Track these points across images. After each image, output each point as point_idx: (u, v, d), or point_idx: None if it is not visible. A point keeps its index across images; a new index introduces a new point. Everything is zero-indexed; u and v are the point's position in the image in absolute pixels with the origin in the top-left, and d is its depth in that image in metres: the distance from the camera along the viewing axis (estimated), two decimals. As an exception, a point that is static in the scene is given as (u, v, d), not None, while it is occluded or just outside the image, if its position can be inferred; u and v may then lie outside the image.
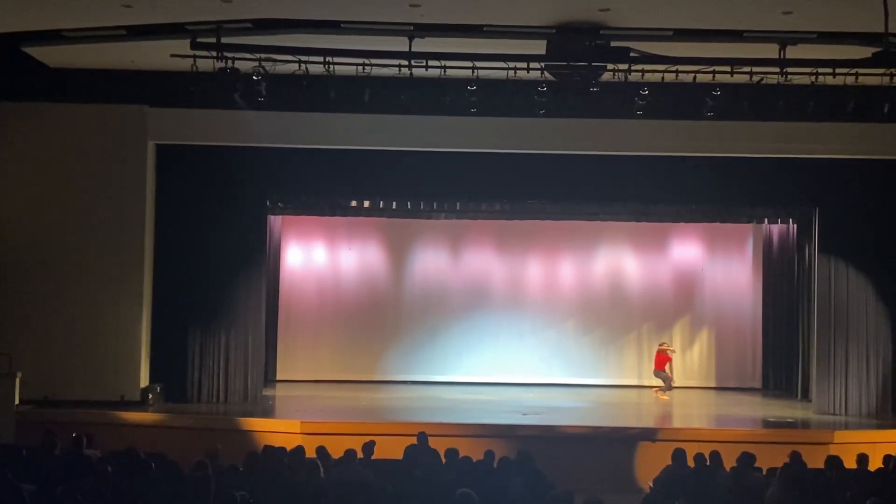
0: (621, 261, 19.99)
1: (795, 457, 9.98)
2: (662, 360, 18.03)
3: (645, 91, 13.27)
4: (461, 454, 9.95)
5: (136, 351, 15.49)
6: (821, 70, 12.43)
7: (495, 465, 9.76)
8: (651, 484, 10.26)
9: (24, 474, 8.52)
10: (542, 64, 12.56)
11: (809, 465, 10.08)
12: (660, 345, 18.32)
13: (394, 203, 17.92)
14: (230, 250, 16.02)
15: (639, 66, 12.60)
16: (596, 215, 18.42)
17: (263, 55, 12.49)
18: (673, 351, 18.41)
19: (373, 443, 10.60)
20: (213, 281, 15.98)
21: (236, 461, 9.45)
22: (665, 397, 17.81)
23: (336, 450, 10.20)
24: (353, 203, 18.06)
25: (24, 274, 15.23)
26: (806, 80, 12.55)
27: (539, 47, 12.40)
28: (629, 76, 12.72)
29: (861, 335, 16.07)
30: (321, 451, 10.19)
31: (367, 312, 19.71)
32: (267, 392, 17.41)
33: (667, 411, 17.16)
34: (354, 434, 12.42)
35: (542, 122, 14.66)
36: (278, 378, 19.18)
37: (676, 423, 16.19)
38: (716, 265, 19.98)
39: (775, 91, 12.72)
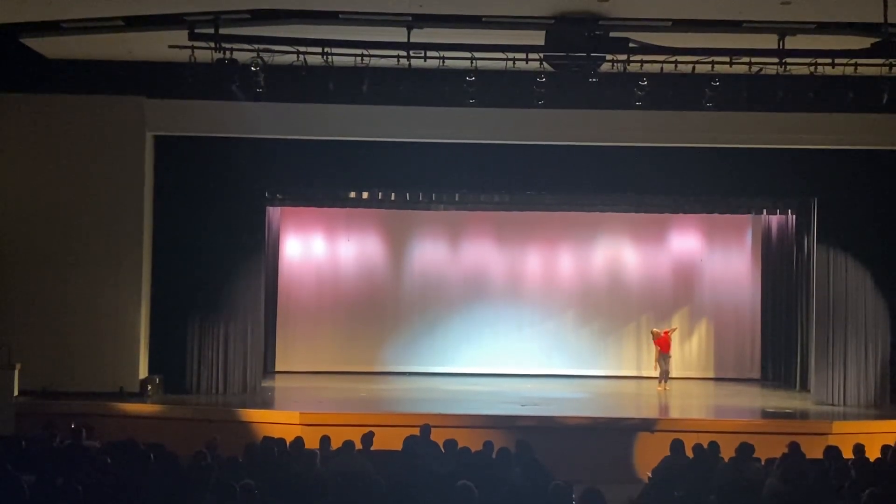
0: (620, 252, 19.98)
1: (794, 447, 9.99)
2: (667, 342, 18.15)
3: (644, 82, 13.27)
4: (460, 445, 9.95)
5: (135, 342, 15.49)
6: (820, 60, 12.42)
7: (494, 456, 9.76)
8: (650, 474, 10.29)
9: (24, 465, 8.53)
10: (541, 55, 12.55)
11: (808, 456, 10.09)
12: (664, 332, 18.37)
13: (392, 194, 17.91)
14: (229, 241, 16.01)
15: (638, 57, 12.58)
16: (595, 206, 18.41)
17: (262, 46, 12.47)
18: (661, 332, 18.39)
19: (372, 434, 10.61)
20: (212, 272, 15.97)
21: (235, 452, 9.45)
22: (661, 388, 17.85)
23: (335, 441, 10.23)
24: (352, 194, 18.05)
25: (22, 265, 15.23)
26: (805, 70, 12.53)
27: (538, 38, 12.38)
28: (628, 67, 12.69)
29: (859, 325, 16.09)
30: (324, 440, 10.20)
31: (367, 304, 19.70)
32: (266, 383, 17.44)
33: (666, 402, 17.18)
34: (354, 425, 12.44)
35: (541, 113, 14.63)
36: (277, 369, 19.20)
37: (675, 414, 16.22)
38: (715, 256, 19.98)
39: (774, 81, 12.70)
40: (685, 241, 20.05)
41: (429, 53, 12.50)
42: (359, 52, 12.55)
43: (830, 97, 13.02)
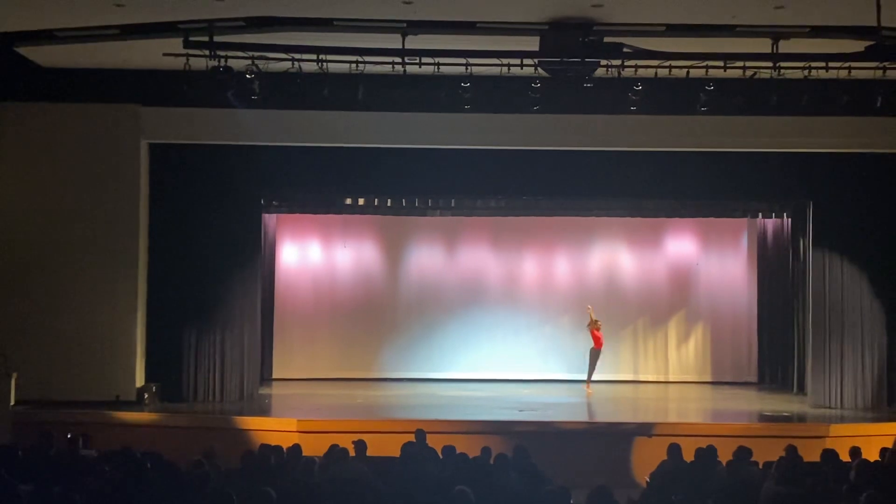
0: (616, 256, 19.99)
1: (791, 450, 9.98)
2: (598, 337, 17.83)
3: (638, 86, 13.26)
4: (458, 451, 9.95)
5: (132, 350, 15.47)
6: (814, 64, 12.41)
7: (492, 462, 9.75)
8: (648, 479, 10.28)
9: (21, 474, 8.51)
10: (536, 60, 12.57)
11: (805, 459, 10.08)
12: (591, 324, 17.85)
13: (388, 200, 17.93)
14: (225, 249, 16.00)
15: (632, 62, 12.60)
16: (590, 211, 18.44)
17: (256, 53, 12.47)
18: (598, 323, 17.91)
19: (363, 442, 10.49)
20: (208, 280, 15.96)
21: (233, 460, 9.43)
22: (591, 390, 17.70)
23: (333, 447, 10.19)
24: (348, 201, 18.07)
25: (18, 274, 15.21)
26: (799, 74, 12.55)
27: (532, 43, 12.41)
28: (622, 72, 12.72)
29: (856, 328, 16.09)
30: (333, 449, 10.11)
31: (363, 310, 19.70)
32: (263, 390, 17.42)
33: (663, 406, 17.18)
34: (351, 432, 12.40)
35: (536, 119, 14.67)
36: (274, 376, 19.18)
37: (672, 418, 16.20)
38: (710, 260, 19.99)
39: (768, 85, 12.73)
40: (681, 245, 20.06)
41: (423, 60, 12.51)
42: (354, 58, 12.55)
43: (825, 101, 13.04)
